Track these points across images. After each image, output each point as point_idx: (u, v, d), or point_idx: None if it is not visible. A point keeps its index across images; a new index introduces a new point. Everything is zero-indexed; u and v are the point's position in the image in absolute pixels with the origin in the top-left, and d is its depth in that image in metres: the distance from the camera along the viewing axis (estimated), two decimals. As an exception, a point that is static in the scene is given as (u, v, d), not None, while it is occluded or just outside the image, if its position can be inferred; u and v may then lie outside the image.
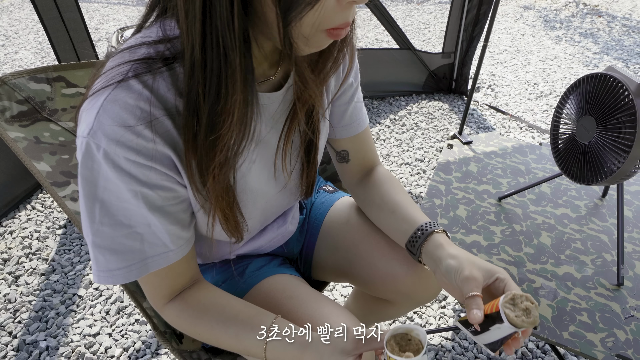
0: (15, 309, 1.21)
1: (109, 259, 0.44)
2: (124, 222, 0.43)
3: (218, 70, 0.38)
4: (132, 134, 0.39)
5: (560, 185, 1.20)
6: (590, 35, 3.50)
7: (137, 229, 0.44)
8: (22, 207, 1.58)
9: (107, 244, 0.43)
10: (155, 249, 0.46)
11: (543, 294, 0.87)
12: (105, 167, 0.40)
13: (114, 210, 0.42)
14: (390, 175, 0.68)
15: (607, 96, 0.84)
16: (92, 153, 0.39)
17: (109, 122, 0.38)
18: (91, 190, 0.41)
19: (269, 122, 0.52)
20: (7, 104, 0.59)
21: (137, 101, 0.39)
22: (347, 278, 0.74)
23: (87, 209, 0.42)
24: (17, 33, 3.40)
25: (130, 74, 0.39)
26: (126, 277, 0.45)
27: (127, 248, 0.44)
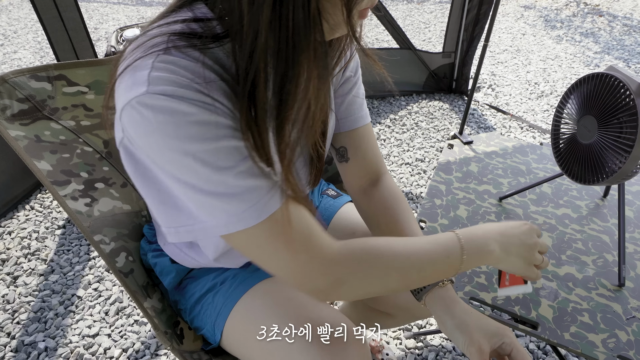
0: (14, 310, 1.21)
1: (230, 204, 0.40)
2: (224, 165, 0.39)
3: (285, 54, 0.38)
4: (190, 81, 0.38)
5: (561, 186, 1.19)
6: (591, 35, 3.50)
7: (239, 167, 0.40)
8: (21, 207, 1.58)
9: (223, 190, 0.40)
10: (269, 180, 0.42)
11: (544, 294, 0.87)
12: (182, 109, 0.37)
13: (209, 156, 0.39)
14: (399, 195, 0.65)
15: (608, 96, 0.84)
16: (160, 104, 0.36)
17: (165, 75, 0.37)
18: (176, 147, 0.38)
19: None
20: (8, 102, 0.59)
21: (187, 63, 0.38)
22: None
23: (184, 167, 0.39)
24: (16, 32, 3.40)
25: (170, 44, 0.39)
26: (258, 215, 0.41)
27: (243, 188, 0.40)
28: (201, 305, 0.64)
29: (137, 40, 0.41)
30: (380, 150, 0.69)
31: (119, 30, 2.01)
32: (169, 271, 0.65)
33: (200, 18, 0.42)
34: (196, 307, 0.64)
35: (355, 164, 0.66)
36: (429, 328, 1.18)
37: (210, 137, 0.39)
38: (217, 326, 0.61)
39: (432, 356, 1.10)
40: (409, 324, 1.19)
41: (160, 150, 0.38)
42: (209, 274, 0.66)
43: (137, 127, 0.38)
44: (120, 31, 2.00)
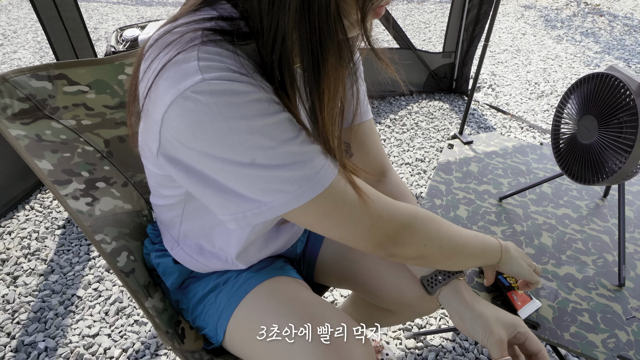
0: (14, 310, 1.21)
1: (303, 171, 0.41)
2: (289, 136, 0.41)
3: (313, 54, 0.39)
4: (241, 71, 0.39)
5: (561, 186, 1.19)
6: (592, 35, 3.50)
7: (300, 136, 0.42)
8: (21, 208, 1.58)
9: (291, 159, 0.40)
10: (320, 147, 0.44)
11: (544, 294, 0.87)
12: (241, 88, 0.37)
13: (273, 131, 0.40)
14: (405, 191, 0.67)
15: (609, 96, 0.84)
16: (220, 89, 0.37)
17: (215, 64, 0.38)
18: (245, 125, 0.38)
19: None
20: (9, 101, 0.59)
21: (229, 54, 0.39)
22: (351, 286, 0.74)
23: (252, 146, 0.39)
24: (16, 32, 3.40)
25: (206, 38, 0.39)
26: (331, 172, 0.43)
27: (309, 152, 0.42)
28: (203, 305, 0.64)
29: (163, 38, 0.41)
30: (383, 146, 0.70)
31: (119, 30, 2.01)
32: (172, 271, 0.65)
33: (227, 17, 0.42)
34: (198, 307, 0.64)
35: (358, 159, 0.66)
36: (429, 328, 1.18)
37: (271, 111, 0.40)
38: (219, 326, 0.61)
39: (432, 356, 1.10)
40: (409, 324, 1.19)
41: (223, 136, 0.38)
42: (212, 274, 0.66)
43: (193, 118, 0.37)
44: (120, 31, 2.00)
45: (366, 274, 0.70)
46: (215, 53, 0.39)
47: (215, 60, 0.38)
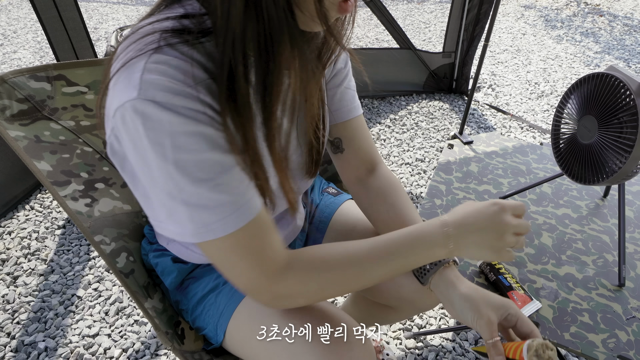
0: (14, 310, 1.21)
1: (202, 215, 0.42)
2: (203, 177, 0.41)
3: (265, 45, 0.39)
4: (184, 86, 0.39)
5: (561, 186, 1.19)
6: (592, 35, 3.50)
7: (217, 180, 0.42)
8: (21, 208, 1.58)
9: (196, 201, 0.42)
10: (244, 194, 0.44)
11: (544, 294, 0.87)
12: (169, 119, 0.38)
13: (189, 167, 0.40)
14: (394, 183, 0.67)
15: (609, 96, 0.84)
16: (149, 112, 0.38)
17: (156, 78, 0.38)
18: (161, 153, 0.39)
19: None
20: (8, 102, 0.59)
21: (179, 63, 0.39)
22: None
23: (163, 174, 0.40)
24: (16, 32, 3.40)
25: (163, 42, 0.39)
26: (224, 228, 0.43)
27: (216, 202, 0.42)
28: (203, 306, 0.64)
29: (129, 38, 0.42)
30: (373, 141, 0.70)
31: (119, 30, 2.01)
32: (170, 271, 0.65)
33: (192, 14, 0.42)
34: (198, 307, 0.64)
35: (350, 155, 0.66)
36: (429, 328, 1.18)
37: (194, 148, 0.40)
38: (219, 326, 0.61)
39: (432, 356, 1.10)
40: (409, 324, 1.19)
41: (145, 153, 0.40)
42: (211, 274, 0.66)
43: (126, 130, 0.39)
44: (120, 31, 2.00)
45: None
46: (164, 63, 0.39)
47: (159, 74, 0.38)
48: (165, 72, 0.38)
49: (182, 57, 0.40)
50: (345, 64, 0.63)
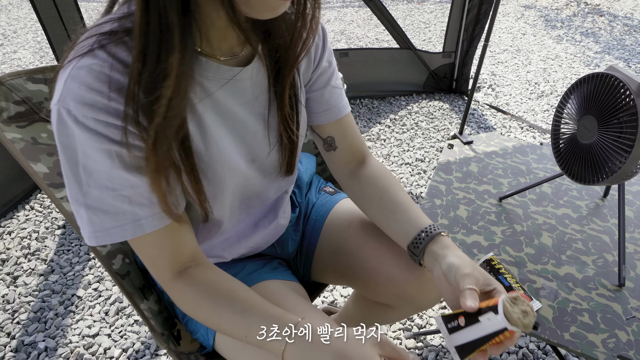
0: (14, 310, 1.21)
1: (102, 219, 0.45)
2: (108, 186, 0.43)
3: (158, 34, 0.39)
4: (98, 96, 0.40)
5: (561, 186, 1.19)
6: (592, 35, 3.49)
7: (122, 191, 0.44)
8: (21, 208, 1.58)
9: (99, 205, 0.44)
10: (147, 209, 0.46)
11: (544, 294, 0.86)
12: (77, 131, 0.41)
13: (96, 174, 0.43)
14: (385, 170, 0.68)
15: (608, 96, 0.84)
16: (64, 119, 0.40)
17: (76, 87, 0.40)
18: (72, 156, 0.42)
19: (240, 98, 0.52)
20: (5, 104, 0.59)
21: (101, 67, 0.41)
22: (348, 281, 0.74)
23: (73, 174, 0.43)
24: (16, 32, 3.40)
25: (96, 45, 0.41)
26: (122, 235, 0.46)
27: (118, 209, 0.45)
28: None
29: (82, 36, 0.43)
30: (361, 135, 0.71)
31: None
32: None
33: (130, 13, 0.43)
34: None
35: (342, 151, 0.67)
36: (429, 328, 1.18)
37: (101, 162, 0.42)
38: (210, 330, 0.61)
39: (432, 356, 1.10)
40: (409, 324, 1.19)
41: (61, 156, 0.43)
42: None
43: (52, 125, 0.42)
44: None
45: (361, 266, 0.69)
46: (87, 67, 0.40)
47: (78, 81, 0.40)
48: (84, 80, 0.40)
49: (108, 59, 0.41)
50: (329, 62, 0.63)
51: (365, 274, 0.69)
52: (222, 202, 0.55)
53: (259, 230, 0.66)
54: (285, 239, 0.74)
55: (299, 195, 0.79)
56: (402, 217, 0.61)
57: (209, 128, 0.50)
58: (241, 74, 0.51)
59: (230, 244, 0.65)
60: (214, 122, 0.51)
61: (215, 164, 0.51)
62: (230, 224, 0.61)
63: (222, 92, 0.50)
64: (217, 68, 0.49)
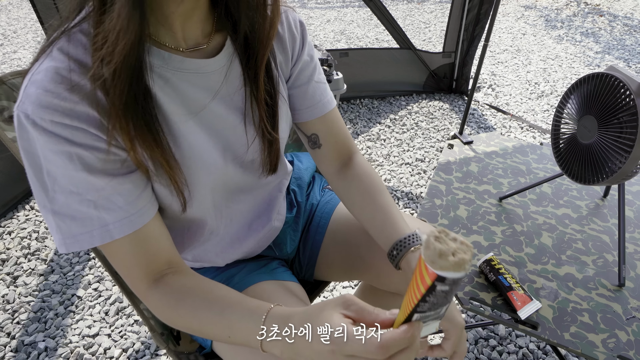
0: (14, 310, 1.21)
1: (70, 225, 0.44)
2: (72, 190, 0.43)
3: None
4: (54, 98, 0.40)
5: (561, 186, 1.19)
6: (592, 35, 3.49)
7: (86, 195, 0.43)
8: (21, 208, 1.58)
9: (65, 211, 0.43)
10: (114, 214, 0.45)
11: (544, 294, 0.86)
12: (36, 134, 0.40)
13: (60, 178, 0.42)
14: (369, 170, 0.66)
15: (609, 96, 0.84)
16: (23, 124, 0.40)
17: (33, 90, 0.40)
18: (35, 161, 0.42)
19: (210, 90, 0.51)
20: (6, 103, 0.59)
21: (58, 69, 0.40)
22: (358, 273, 0.73)
23: (38, 179, 0.43)
24: (16, 32, 3.40)
25: (52, 47, 0.42)
26: (90, 241, 0.45)
27: (84, 214, 0.44)
28: None
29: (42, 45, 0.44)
30: (348, 131, 0.70)
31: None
32: None
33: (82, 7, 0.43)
34: None
35: (327, 149, 0.66)
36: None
37: (62, 165, 0.42)
38: None
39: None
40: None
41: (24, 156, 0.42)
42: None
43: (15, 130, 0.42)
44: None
45: (374, 257, 0.69)
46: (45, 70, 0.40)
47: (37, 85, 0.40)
48: (41, 84, 0.40)
49: (63, 58, 0.41)
50: (310, 57, 0.62)
51: (377, 263, 0.69)
52: (202, 199, 0.54)
53: (252, 233, 0.65)
54: (283, 239, 0.74)
55: (299, 194, 0.79)
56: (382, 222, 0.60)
57: (177, 123, 0.49)
58: (210, 66, 0.50)
59: (223, 249, 0.64)
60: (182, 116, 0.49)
61: (188, 161, 0.50)
62: (217, 222, 0.60)
63: (191, 86, 0.49)
64: (182, 60, 0.48)
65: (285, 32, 0.58)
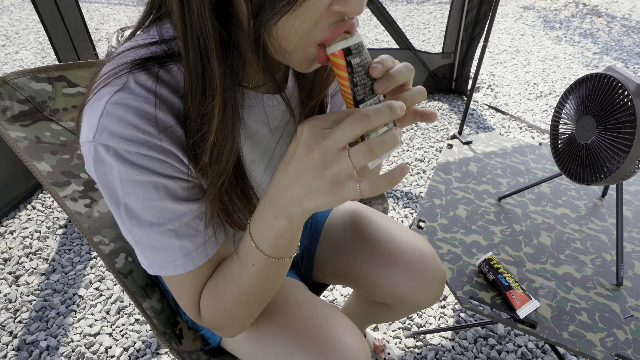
0: (16, 309, 1.21)
1: (153, 255, 0.43)
2: (153, 222, 0.42)
3: (201, 73, 0.37)
4: (138, 132, 0.38)
5: (560, 185, 1.20)
6: (590, 36, 3.50)
7: (168, 226, 0.42)
8: (23, 207, 1.58)
9: (145, 242, 0.43)
10: (194, 240, 0.44)
11: (543, 293, 0.87)
12: (118, 167, 0.38)
13: (139, 212, 0.41)
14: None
15: (607, 96, 0.85)
16: (102, 156, 0.38)
17: (114, 122, 0.37)
18: (112, 195, 0.40)
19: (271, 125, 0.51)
20: (9, 103, 0.59)
21: (139, 103, 0.38)
22: (347, 281, 0.75)
23: (115, 212, 0.42)
24: (18, 33, 3.41)
25: (130, 77, 0.39)
26: (174, 269, 0.44)
27: (166, 245, 0.43)
28: None
29: (109, 63, 0.41)
30: None
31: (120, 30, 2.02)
32: None
33: (166, 39, 0.41)
34: None
35: None
36: (428, 327, 1.19)
37: (143, 196, 0.40)
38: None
39: (432, 355, 1.10)
40: (408, 323, 1.19)
41: (101, 189, 0.41)
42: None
43: (87, 165, 0.40)
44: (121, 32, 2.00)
45: (360, 268, 0.70)
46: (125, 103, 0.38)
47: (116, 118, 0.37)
48: (123, 117, 0.37)
49: (145, 94, 0.39)
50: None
51: (364, 274, 0.70)
52: None
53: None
54: None
55: None
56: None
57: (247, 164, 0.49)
58: (272, 101, 0.49)
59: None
60: (250, 153, 0.50)
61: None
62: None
63: (255, 123, 0.49)
64: (254, 96, 0.47)
65: None
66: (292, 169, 0.36)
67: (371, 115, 0.33)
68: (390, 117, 0.34)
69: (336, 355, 0.51)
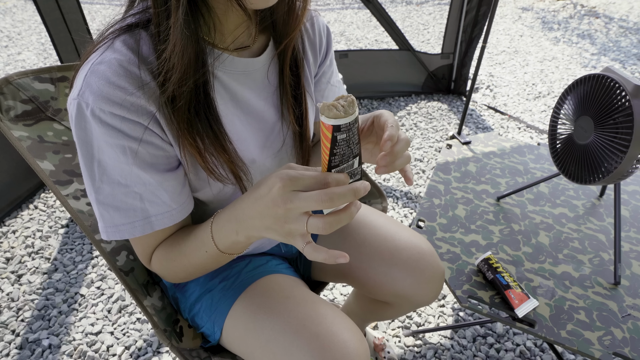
0: (18, 308, 1.22)
1: (113, 215, 0.46)
2: (121, 182, 0.45)
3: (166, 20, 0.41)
4: (117, 90, 0.41)
5: (558, 185, 1.20)
6: (588, 37, 3.51)
7: (134, 188, 0.45)
8: (25, 207, 1.59)
9: (110, 201, 0.45)
10: (157, 207, 0.47)
11: (541, 292, 0.88)
12: (94, 125, 0.42)
13: (110, 169, 0.44)
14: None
15: (604, 97, 0.85)
16: (83, 112, 0.41)
17: (95, 81, 0.41)
18: (88, 150, 0.43)
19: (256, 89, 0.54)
20: (12, 103, 0.60)
21: (121, 61, 0.42)
22: (346, 279, 0.75)
23: (87, 168, 0.44)
24: (20, 34, 3.42)
25: (115, 39, 0.43)
26: (131, 232, 0.47)
27: (129, 206, 0.46)
28: (201, 303, 0.65)
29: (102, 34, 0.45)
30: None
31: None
32: None
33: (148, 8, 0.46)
34: (196, 305, 0.65)
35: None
36: (427, 326, 1.19)
37: (114, 157, 0.44)
38: (216, 324, 0.62)
39: (431, 354, 1.11)
40: (407, 322, 1.20)
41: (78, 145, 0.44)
42: (209, 272, 0.67)
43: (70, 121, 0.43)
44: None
45: (359, 266, 0.70)
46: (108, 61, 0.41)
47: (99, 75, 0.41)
48: (103, 74, 0.41)
49: (126, 52, 0.42)
50: (331, 60, 0.65)
51: (363, 272, 0.70)
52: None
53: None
54: None
55: None
56: None
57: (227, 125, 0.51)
58: (254, 65, 0.53)
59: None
60: (233, 116, 0.52)
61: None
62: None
63: (239, 85, 0.52)
64: (232, 60, 0.50)
65: (315, 35, 0.61)
66: (260, 208, 0.41)
67: (335, 198, 0.37)
68: (352, 199, 0.38)
69: (335, 352, 0.51)
